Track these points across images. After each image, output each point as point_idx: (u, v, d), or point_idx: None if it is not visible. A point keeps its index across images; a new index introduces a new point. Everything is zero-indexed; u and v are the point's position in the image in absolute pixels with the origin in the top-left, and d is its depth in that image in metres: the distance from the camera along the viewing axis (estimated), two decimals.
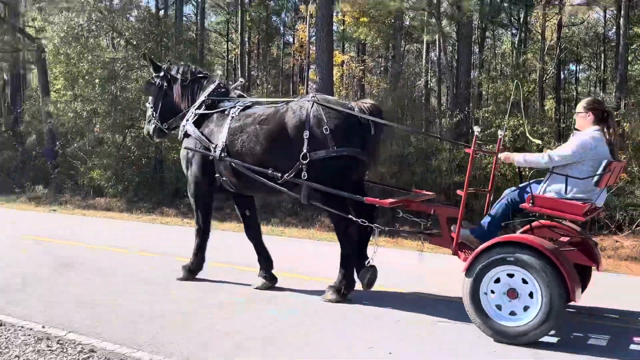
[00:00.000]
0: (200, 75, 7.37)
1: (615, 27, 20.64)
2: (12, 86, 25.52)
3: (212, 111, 6.86)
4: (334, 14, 19.25)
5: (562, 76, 23.76)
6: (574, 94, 24.95)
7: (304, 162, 5.98)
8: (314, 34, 26.20)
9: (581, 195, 5.08)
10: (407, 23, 20.76)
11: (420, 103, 19.03)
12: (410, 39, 23.73)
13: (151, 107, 7.53)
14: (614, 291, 6.94)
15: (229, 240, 10.33)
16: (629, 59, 18.58)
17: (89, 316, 5.51)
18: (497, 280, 4.97)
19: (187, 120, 6.94)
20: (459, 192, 5.76)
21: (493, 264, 4.95)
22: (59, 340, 4.82)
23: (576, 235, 5.76)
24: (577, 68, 28.89)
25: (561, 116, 19.97)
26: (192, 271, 7.08)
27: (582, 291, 5.49)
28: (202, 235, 7.06)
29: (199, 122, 6.87)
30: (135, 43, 17.98)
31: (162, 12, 21.74)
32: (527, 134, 7.37)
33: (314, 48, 24.04)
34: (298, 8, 28.82)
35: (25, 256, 8.43)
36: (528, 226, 5.62)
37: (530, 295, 4.84)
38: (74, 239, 10.13)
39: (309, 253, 9.60)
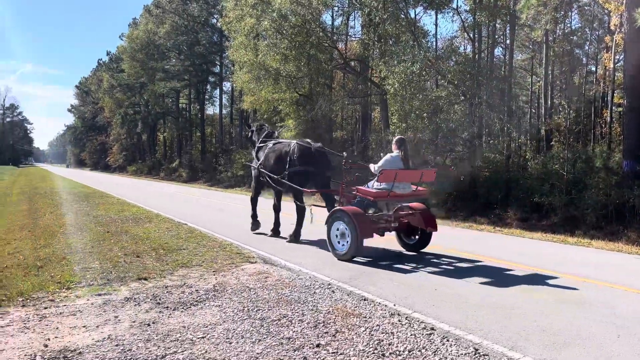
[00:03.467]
0: (263, 126, 11.51)
1: None
2: (362, 121, 28.16)
3: (262, 145, 10.76)
4: None
5: None
6: None
7: (286, 172, 9.64)
8: (618, 60, 23.13)
9: (385, 187, 7.98)
10: None
11: None
12: None
13: (251, 146, 11.95)
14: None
15: (535, 246, 9.74)
16: None
17: (430, 300, 5.76)
18: (338, 228, 8.07)
19: (254, 150, 11.20)
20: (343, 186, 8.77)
21: (334, 220, 8.11)
22: (407, 317, 5.13)
23: (418, 209, 8.57)
24: None
25: None
26: (254, 223, 10.99)
27: (425, 243, 8.77)
28: (254, 204, 11.04)
29: (258, 151, 10.85)
30: (455, 82, 18.21)
31: (477, 56, 21.59)
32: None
33: (619, 75, 21.22)
34: (602, 39, 25.75)
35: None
36: (395, 208, 8.77)
37: (348, 235, 7.88)
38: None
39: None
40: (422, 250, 8.91)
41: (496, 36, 23.72)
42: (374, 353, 4.16)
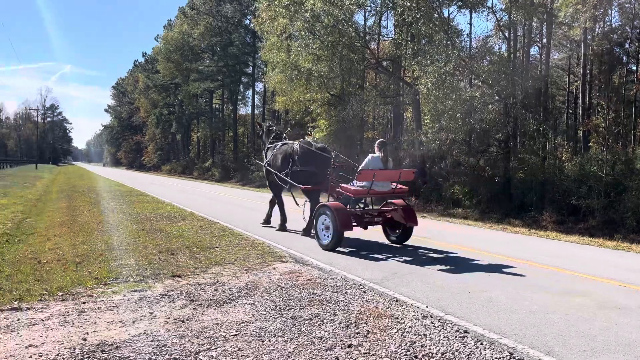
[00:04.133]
0: (271, 128, 12.35)
1: None
2: (394, 122, 28.01)
3: (271, 145, 11.61)
4: None
5: None
6: None
7: (289, 171, 10.54)
8: None
9: (365, 185, 8.86)
10: None
11: None
12: None
13: (262, 145, 12.69)
14: None
15: (572, 249, 9.50)
16: None
17: (463, 302, 5.68)
18: (323, 221, 8.98)
19: (264, 150, 12.02)
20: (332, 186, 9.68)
21: (319, 214, 9.04)
22: (439, 319, 5.08)
23: (400, 206, 9.27)
24: None
25: None
26: (282, 225, 11.21)
27: (407, 236, 9.49)
28: (279, 203, 11.54)
29: (267, 151, 11.72)
30: (489, 82, 17.92)
31: (512, 55, 21.22)
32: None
33: None
34: None
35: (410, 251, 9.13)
36: (382, 205, 9.74)
37: (331, 228, 8.74)
38: (440, 239, 10.53)
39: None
40: (456, 254, 8.82)
41: (532, 35, 23.25)
42: (406, 355, 4.13)
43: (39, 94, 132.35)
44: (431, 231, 11.88)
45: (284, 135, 12.05)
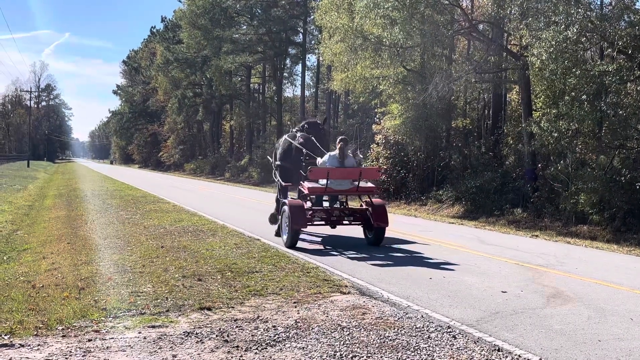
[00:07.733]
0: (310, 121, 14.96)
1: None
2: (493, 106, 27.45)
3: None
4: None
5: None
6: None
7: (275, 166, 13.82)
8: None
9: (323, 182, 11.51)
10: None
11: None
12: None
13: None
14: None
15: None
16: None
17: (592, 355, 5.51)
18: (286, 219, 11.68)
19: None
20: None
21: (282, 211, 11.89)
22: None
23: (371, 205, 11.81)
24: None
25: None
26: (274, 216, 13.46)
27: (379, 238, 11.97)
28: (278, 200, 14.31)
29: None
30: (629, 52, 17.30)
31: None
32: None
33: None
34: None
35: (511, 283, 8.95)
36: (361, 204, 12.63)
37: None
38: (560, 268, 10.27)
39: None
40: (581, 287, 8.60)
41: None
42: None
43: (31, 71, 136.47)
44: (546, 256, 11.64)
45: (320, 124, 14.31)
